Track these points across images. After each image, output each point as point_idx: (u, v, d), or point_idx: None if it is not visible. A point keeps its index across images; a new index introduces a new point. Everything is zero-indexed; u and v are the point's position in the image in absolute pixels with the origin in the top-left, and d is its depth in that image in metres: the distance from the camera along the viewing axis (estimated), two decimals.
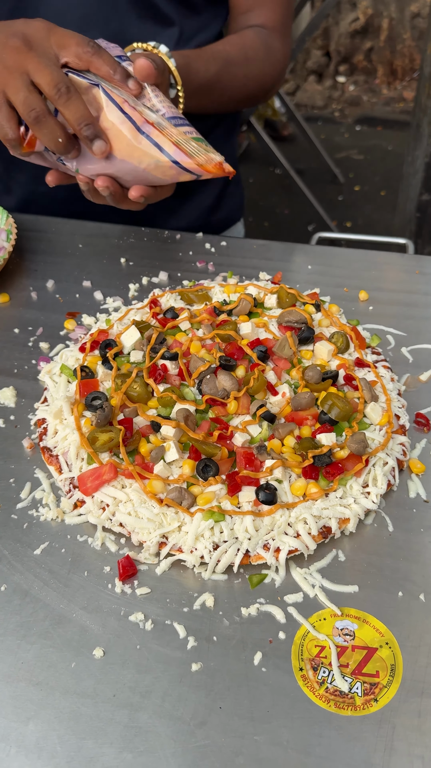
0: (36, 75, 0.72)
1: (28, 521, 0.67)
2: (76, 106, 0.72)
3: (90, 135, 0.73)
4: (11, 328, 0.89)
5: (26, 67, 0.72)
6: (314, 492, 0.64)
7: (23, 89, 0.72)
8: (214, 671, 0.56)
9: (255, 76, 1.05)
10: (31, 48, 0.73)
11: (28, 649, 0.57)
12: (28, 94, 0.72)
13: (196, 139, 0.76)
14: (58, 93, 0.72)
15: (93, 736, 0.52)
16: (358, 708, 0.53)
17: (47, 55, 0.74)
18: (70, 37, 0.75)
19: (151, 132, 0.73)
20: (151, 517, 0.63)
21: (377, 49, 4.78)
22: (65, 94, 0.72)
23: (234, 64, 1.00)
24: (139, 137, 0.73)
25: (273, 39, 1.08)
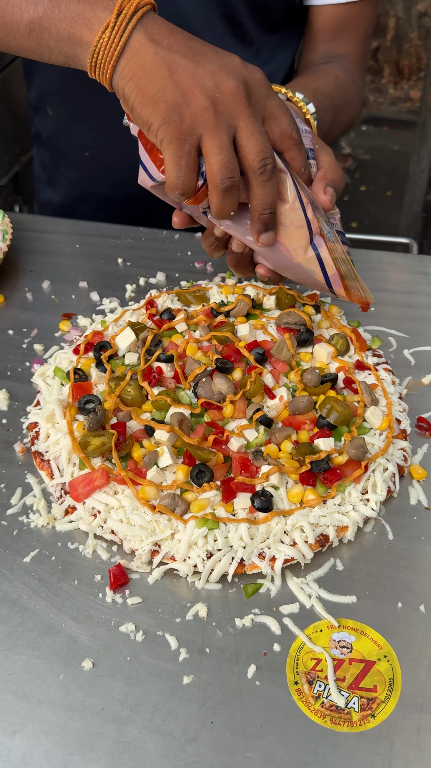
0: (245, 137, 0.62)
1: (18, 528, 0.65)
2: (272, 189, 0.64)
3: (268, 225, 0.65)
4: (5, 330, 0.87)
5: (238, 122, 0.62)
6: (311, 499, 0.62)
7: (227, 149, 0.61)
8: (206, 684, 0.54)
9: (351, 119, 1.01)
10: (251, 102, 0.62)
11: (15, 660, 0.56)
12: (231, 158, 0.61)
13: (351, 263, 0.72)
14: (263, 169, 0.62)
15: (80, 751, 0.51)
16: (355, 724, 0.51)
17: (260, 117, 0.64)
18: (284, 112, 0.65)
19: (320, 246, 0.67)
20: (143, 525, 0.61)
21: (383, 49, 4.75)
22: (269, 174, 0.63)
23: (339, 110, 0.94)
24: (308, 248, 0.66)
25: (356, 72, 1.02)
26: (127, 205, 1.08)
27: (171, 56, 0.61)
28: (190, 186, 0.62)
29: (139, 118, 0.62)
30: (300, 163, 0.67)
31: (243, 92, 0.61)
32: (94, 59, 0.63)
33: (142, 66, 0.61)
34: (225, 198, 0.62)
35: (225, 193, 0.62)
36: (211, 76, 0.61)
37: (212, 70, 0.61)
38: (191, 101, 0.60)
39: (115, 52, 0.61)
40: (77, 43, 0.64)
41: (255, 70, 0.64)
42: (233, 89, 0.61)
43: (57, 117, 1.12)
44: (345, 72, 0.99)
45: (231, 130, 0.61)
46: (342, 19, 0.99)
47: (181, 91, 0.60)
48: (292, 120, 0.66)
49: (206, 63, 0.62)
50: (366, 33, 1.03)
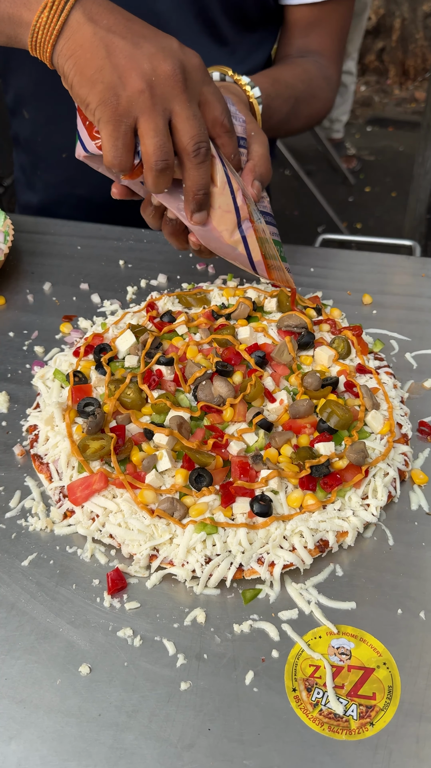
0: (181, 121, 0.63)
1: (17, 531, 0.65)
2: (205, 172, 0.66)
3: (201, 204, 0.67)
4: (6, 332, 0.87)
5: (174, 105, 0.63)
6: (311, 504, 0.62)
7: (162, 131, 0.62)
8: (204, 691, 0.53)
9: (317, 112, 1.02)
10: (187, 86, 0.63)
11: (12, 665, 0.55)
12: (165, 141, 0.63)
13: (278, 244, 0.74)
14: (197, 152, 0.64)
15: (76, 757, 0.50)
16: (353, 732, 0.51)
17: (195, 101, 0.65)
18: (218, 99, 0.66)
19: (248, 230, 0.69)
20: (141, 529, 0.61)
21: (389, 49, 4.74)
22: (203, 156, 0.65)
23: (302, 102, 0.96)
24: (236, 232, 0.69)
25: (330, 68, 1.04)
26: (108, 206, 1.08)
27: (109, 37, 0.62)
28: (126, 164, 0.64)
29: (77, 97, 0.63)
30: (229, 150, 0.69)
31: (180, 76, 0.62)
32: (34, 39, 0.63)
33: (81, 46, 0.62)
34: (159, 177, 0.64)
35: (159, 173, 0.64)
36: (149, 59, 0.62)
37: (150, 52, 0.62)
38: (128, 83, 0.61)
39: (54, 31, 0.62)
40: (17, 23, 0.64)
41: (193, 54, 0.65)
42: (170, 73, 0.62)
43: (33, 120, 1.12)
44: (316, 66, 1.00)
45: (167, 113, 0.63)
46: (315, 18, 1.01)
47: (118, 73, 0.61)
48: (225, 107, 0.67)
49: (144, 45, 0.62)
50: (339, 29, 1.04)
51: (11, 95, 1.13)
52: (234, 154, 0.69)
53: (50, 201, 1.17)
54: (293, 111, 0.94)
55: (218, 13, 0.96)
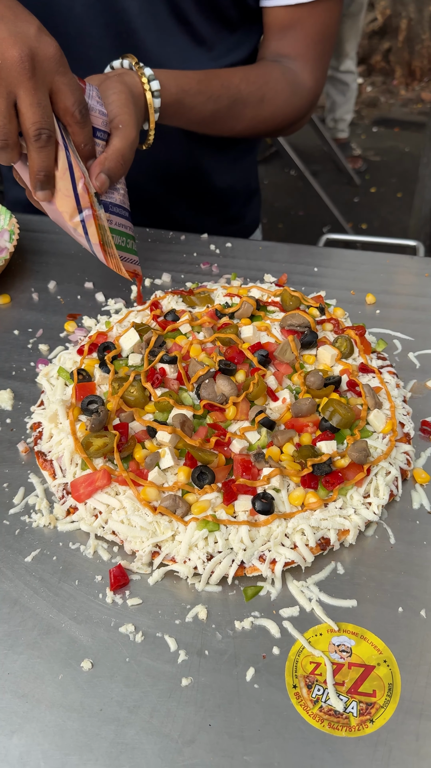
0: (25, 106, 0.67)
1: (20, 527, 0.65)
2: (46, 156, 0.70)
3: (42, 184, 0.71)
4: (11, 330, 0.88)
5: (18, 90, 0.67)
6: (313, 502, 0.62)
7: (4, 113, 0.67)
8: (205, 687, 0.54)
9: (268, 117, 0.99)
10: (34, 74, 0.66)
11: (15, 660, 0.56)
12: (7, 122, 0.67)
13: (126, 236, 0.78)
14: (38, 138, 0.68)
15: (78, 752, 0.51)
16: (353, 729, 0.51)
17: (44, 89, 0.68)
18: (72, 90, 0.70)
19: (88, 220, 0.73)
20: (144, 526, 0.61)
21: (395, 50, 4.74)
22: (44, 142, 0.69)
23: (243, 103, 0.94)
24: (75, 215, 0.73)
25: (304, 73, 1.01)
26: None
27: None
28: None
29: None
30: (79, 139, 0.72)
31: (27, 64, 0.65)
32: None
33: None
34: (1, 154, 0.70)
35: (0, 151, 0.69)
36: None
37: (1, 36, 0.65)
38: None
39: None
40: None
41: (49, 43, 0.67)
42: (16, 59, 0.65)
43: None
44: (281, 71, 0.99)
45: (11, 96, 0.66)
46: (289, 21, 0.99)
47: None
48: (79, 98, 0.70)
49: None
50: (316, 34, 1.00)
51: None
52: (85, 144, 0.72)
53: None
54: (230, 111, 0.94)
55: (192, 11, 0.96)
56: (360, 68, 4.84)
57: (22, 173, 0.74)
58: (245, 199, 1.24)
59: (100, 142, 0.75)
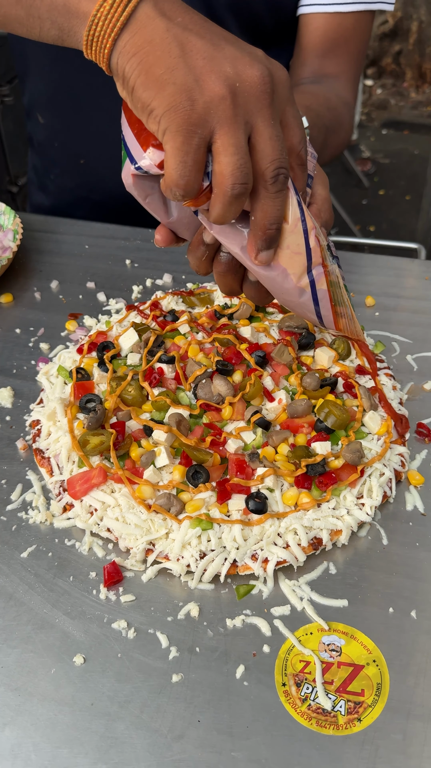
0: (263, 140, 0.52)
1: (17, 523, 0.66)
2: (281, 203, 0.54)
3: (271, 241, 0.55)
4: (13, 328, 0.89)
5: (257, 120, 0.52)
6: (306, 502, 0.62)
7: (243, 149, 0.51)
8: (195, 683, 0.54)
9: (342, 142, 0.95)
10: (272, 101, 0.52)
11: (8, 653, 0.57)
12: (247, 161, 0.51)
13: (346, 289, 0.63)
14: (276, 179, 0.52)
15: (68, 745, 0.51)
16: (341, 727, 0.52)
17: (278, 120, 0.54)
18: (299, 125, 0.56)
19: (319, 278, 0.58)
20: (138, 523, 0.62)
21: (406, 52, 4.73)
22: (281, 185, 0.53)
23: (330, 131, 0.89)
24: (304, 278, 0.57)
25: (346, 92, 0.97)
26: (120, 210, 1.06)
27: (185, 34, 0.52)
28: (194, 187, 0.52)
29: (139, 102, 0.52)
30: (300, 185, 0.59)
31: (269, 86, 0.52)
32: (92, 32, 0.53)
33: (150, 41, 0.52)
34: (232, 204, 0.52)
35: (233, 199, 0.52)
36: (232, 62, 0.51)
37: (234, 55, 0.52)
38: (206, 87, 0.50)
39: (118, 23, 0.52)
40: (73, 13, 0.55)
41: (281, 68, 0.55)
42: (257, 80, 0.51)
43: (48, 125, 1.12)
44: (335, 94, 0.95)
45: (248, 127, 0.52)
46: (333, 34, 0.94)
47: (195, 75, 0.50)
48: (304, 136, 0.57)
49: (226, 47, 0.52)
50: (358, 51, 0.97)
51: (27, 97, 1.14)
52: (302, 192, 0.59)
53: (62, 204, 1.18)
54: (324, 141, 0.86)
55: (233, 28, 0.93)
56: (371, 70, 4.83)
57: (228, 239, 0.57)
58: None
59: (308, 190, 0.61)
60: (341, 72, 0.96)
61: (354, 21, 0.94)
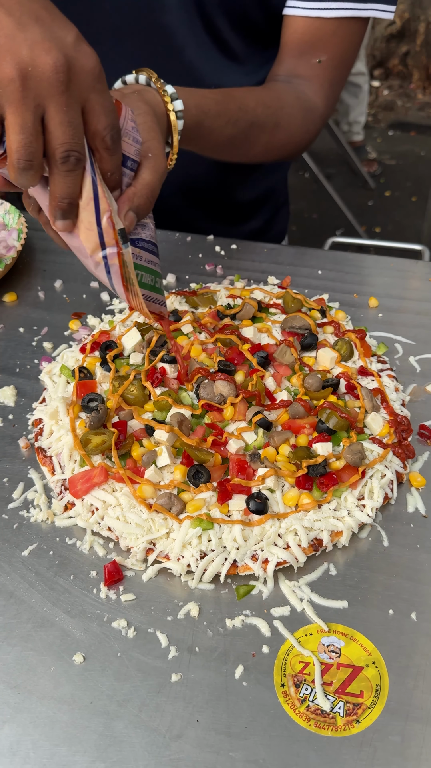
0: (54, 124, 0.56)
1: (19, 522, 0.66)
2: (72, 182, 0.59)
3: (64, 213, 0.60)
4: (17, 327, 0.89)
5: (49, 104, 0.55)
6: (307, 503, 0.62)
7: (29, 129, 0.55)
8: (194, 683, 0.54)
9: (282, 143, 0.94)
10: (68, 88, 0.55)
11: (8, 651, 0.57)
12: (32, 140, 0.56)
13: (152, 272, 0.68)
14: (65, 160, 0.57)
15: (67, 743, 0.52)
16: (339, 728, 0.52)
17: (76, 107, 0.57)
18: (105, 112, 0.59)
19: (111, 258, 0.63)
20: (139, 523, 0.62)
21: (413, 54, 4.72)
22: (72, 166, 0.58)
23: (260, 128, 0.88)
24: (98, 252, 0.62)
25: (317, 97, 0.95)
26: None
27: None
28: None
29: None
30: (107, 167, 0.61)
31: (62, 75, 0.54)
32: None
33: None
34: (21, 175, 0.58)
35: (21, 171, 0.57)
36: (30, 46, 0.53)
37: (35, 39, 0.54)
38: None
39: None
40: None
41: (88, 54, 0.57)
42: (50, 68, 0.54)
43: None
44: (295, 95, 0.93)
45: (39, 110, 0.55)
46: (310, 37, 0.93)
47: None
48: (112, 122, 0.60)
49: (32, 28, 0.54)
50: (338, 57, 0.94)
51: None
52: (111, 173, 0.62)
53: None
54: (246, 136, 0.87)
55: (225, 28, 0.94)
56: (378, 71, 4.83)
57: (40, 198, 0.64)
58: (271, 211, 1.21)
59: (128, 173, 0.65)
60: (313, 75, 0.95)
61: (335, 27, 0.92)
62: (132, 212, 0.64)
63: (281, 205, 1.24)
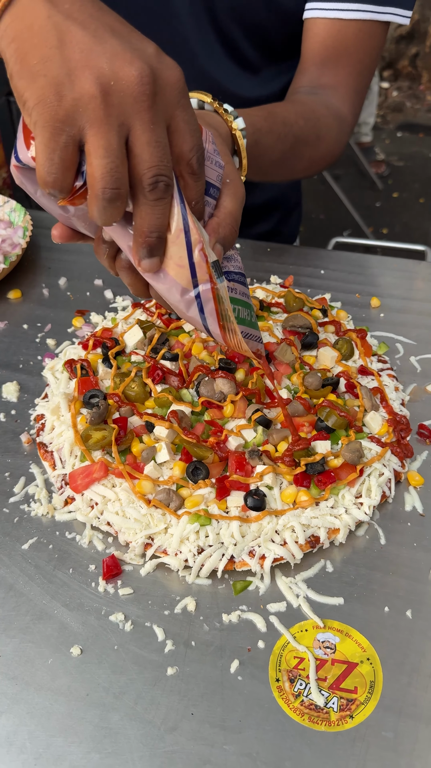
0: (140, 145, 0.48)
1: (19, 516, 0.67)
2: (161, 211, 0.50)
3: (152, 249, 0.52)
4: (21, 324, 0.90)
5: (133, 122, 0.48)
6: (304, 500, 0.63)
7: (115, 152, 0.47)
8: (189, 677, 0.55)
9: (322, 156, 0.92)
10: (155, 103, 0.48)
11: (7, 643, 0.58)
12: (118, 164, 0.48)
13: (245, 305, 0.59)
14: (154, 187, 0.49)
15: (63, 734, 0.52)
16: (333, 723, 0.52)
17: (163, 124, 0.50)
18: (191, 131, 0.51)
19: (205, 295, 0.55)
20: (137, 518, 0.63)
21: (422, 55, 4.71)
22: (161, 192, 0.50)
23: (304, 143, 0.86)
24: (189, 292, 0.54)
25: (344, 106, 0.93)
26: None
27: (67, 23, 0.48)
28: (62, 184, 0.49)
29: (15, 91, 0.49)
30: (192, 195, 0.54)
31: (148, 87, 0.48)
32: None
33: (29, 27, 0.48)
34: (106, 208, 0.49)
35: (107, 203, 0.49)
36: (110, 58, 0.47)
37: (114, 51, 0.48)
38: (77, 83, 0.47)
39: None
40: None
41: (172, 66, 0.51)
42: (134, 80, 0.47)
43: None
44: (325, 105, 0.91)
45: (124, 129, 0.48)
46: (332, 41, 0.90)
47: (68, 68, 0.47)
48: (198, 143, 0.52)
49: (110, 41, 0.48)
50: (361, 63, 0.92)
51: None
52: (196, 201, 0.55)
53: None
54: (293, 151, 0.84)
55: (239, 36, 0.93)
56: (387, 73, 4.82)
57: (120, 239, 0.55)
58: (283, 214, 1.20)
59: (211, 201, 0.57)
60: (338, 84, 0.93)
61: (357, 30, 0.90)
62: (219, 244, 0.57)
63: (292, 208, 1.22)
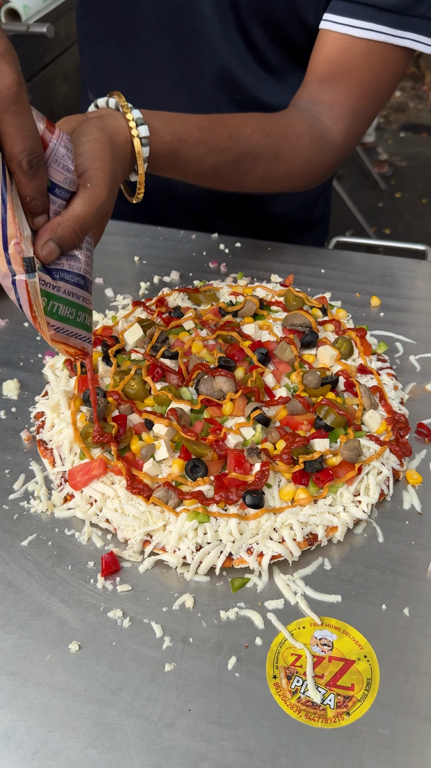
0: None
1: (19, 512, 0.67)
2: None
3: None
4: (21, 322, 0.90)
5: None
6: (302, 498, 0.63)
7: None
8: (187, 673, 0.55)
9: (283, 175, 0.87)
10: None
11: (5, 639, 0.58)
12: None
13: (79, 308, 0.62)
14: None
15: (60, 729, 0.52)
16: (329, 720, 0.52)
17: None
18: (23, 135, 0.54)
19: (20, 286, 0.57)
20: (136, 515, 0.63)
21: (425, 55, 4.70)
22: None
23: (254, 158, 0.82)
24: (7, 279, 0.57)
25: (336, 127, 0.88)
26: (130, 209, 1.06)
27: None
28: None
29: None
30: (26, 191, 0.56)
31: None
32: None
33: None
34: None
35: None
36: None
37: None
38: None
39: None
40: None
41: (6, 75, 0.52)
42: None
43: None
44: (309, 124, 0.86)
45: None
46: (338, 58, 0.86)
47: None
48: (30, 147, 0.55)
49: None
50: (365, 85, 0.87)
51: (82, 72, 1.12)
52: (32, 198, 0.57)
53: None
54: (236, 166, 0.81)
55: (262, 38, 0.91)
56: None
57: None
58: (302, 228, 1.17)
59: (59, 201, 0.59)
60: (335, 103, 0.88)
61: (367, 51, 0.85)
62: (53, 243, 0.58)
63: (315, 223, 1.18)
